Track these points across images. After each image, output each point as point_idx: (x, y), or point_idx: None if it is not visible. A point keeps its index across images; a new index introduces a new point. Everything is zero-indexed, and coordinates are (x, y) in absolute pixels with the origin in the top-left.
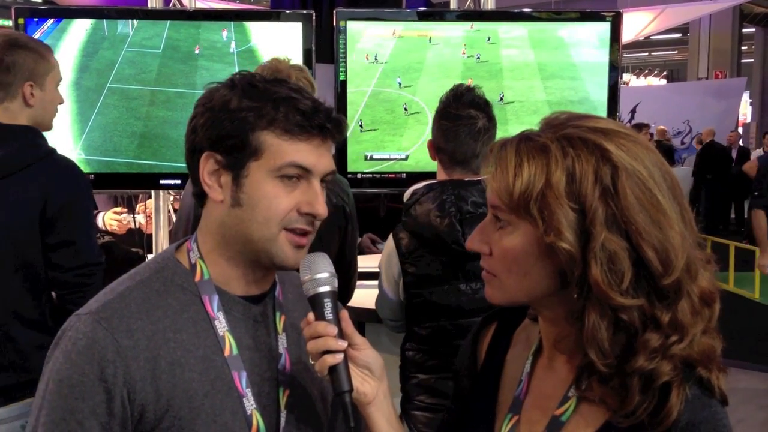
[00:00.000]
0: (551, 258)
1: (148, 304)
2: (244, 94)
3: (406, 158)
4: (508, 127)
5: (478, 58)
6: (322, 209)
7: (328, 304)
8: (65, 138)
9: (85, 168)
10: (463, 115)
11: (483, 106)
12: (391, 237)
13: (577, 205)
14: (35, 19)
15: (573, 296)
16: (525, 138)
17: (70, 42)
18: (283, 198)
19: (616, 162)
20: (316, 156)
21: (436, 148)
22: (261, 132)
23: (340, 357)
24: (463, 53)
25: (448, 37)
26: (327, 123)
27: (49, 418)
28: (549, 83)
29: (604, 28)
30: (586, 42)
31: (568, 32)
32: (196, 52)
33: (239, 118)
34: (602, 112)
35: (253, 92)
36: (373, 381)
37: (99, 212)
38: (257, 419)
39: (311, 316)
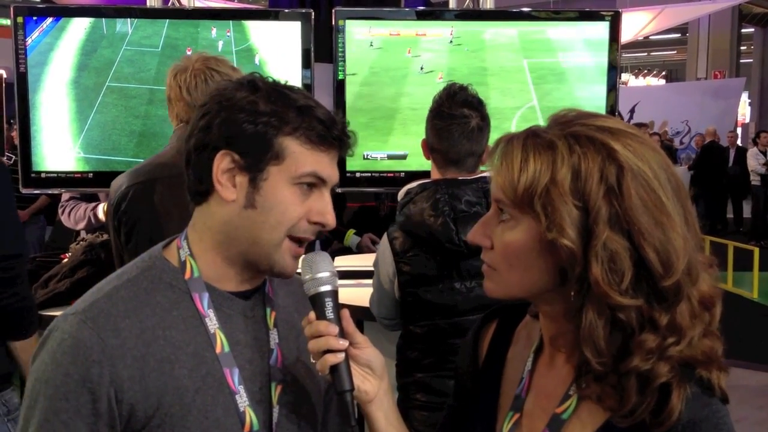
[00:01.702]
0: (552, 254)
1: (135, 302)
2: (269, 98)
3: (405, 157)
4: None
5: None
6: (331, 219)
7: (329, 304)
8: (64, 136)
9: (83, 167)
10: (456, 114)
11: (476, 105)
12: (385, 236)
13: (580, 203)
14: (34, 18)
15: (572, 293)
16: (532, 134)
17: (68, 41)
18: (298, 206)
19: (622, 162)
20: (331, 167)
21: (429, 147)
22: (285, 137)
23: (341, 356)
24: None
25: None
26: (343, 136)
27: (36, 418)
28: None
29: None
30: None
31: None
32: (188, 53)
33: (262, 121)
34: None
35: (277, 97)
36: (374, 379)
37: (99, 204)
38: (250, 416)
39: (312, 315)
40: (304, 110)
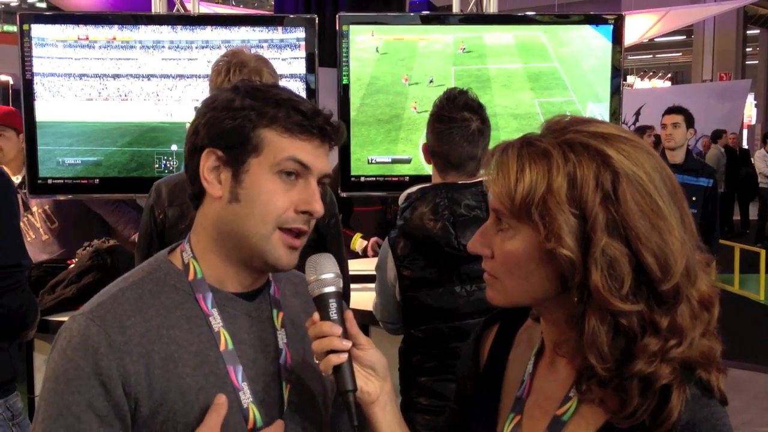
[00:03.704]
0: (552, 262)
1: (140, 303)
2: (246, 94)
3: (409, 161)
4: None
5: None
6: (318, 207)
7: (333, 305)
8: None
9: (95, 171)
10: (456, 117)
11: (477, 108)
12: (386, 240)
13: (578, 211)
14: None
15: (573, 300)
16: (527, 142)
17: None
18: (281, 195)
19: (617, 168)
20: (314, 155)
21: (430, 151)
22: (262, 129)
23: (344, 357)
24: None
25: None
26: (326, 126)
27: (47, 414)
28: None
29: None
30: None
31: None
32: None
33: (241, 116)
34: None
35: (256, 93)
36: (377, 380)
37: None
38: (254, 413)
39: (316, 316)
40: (283, 102)
